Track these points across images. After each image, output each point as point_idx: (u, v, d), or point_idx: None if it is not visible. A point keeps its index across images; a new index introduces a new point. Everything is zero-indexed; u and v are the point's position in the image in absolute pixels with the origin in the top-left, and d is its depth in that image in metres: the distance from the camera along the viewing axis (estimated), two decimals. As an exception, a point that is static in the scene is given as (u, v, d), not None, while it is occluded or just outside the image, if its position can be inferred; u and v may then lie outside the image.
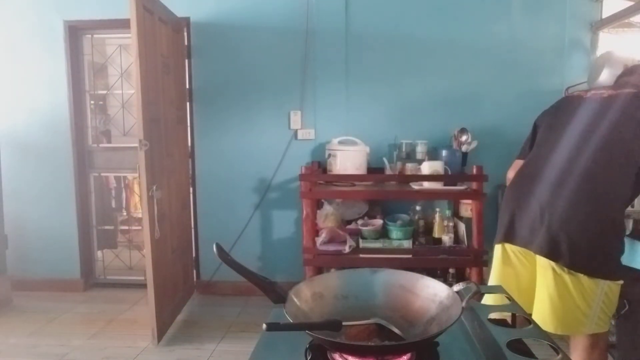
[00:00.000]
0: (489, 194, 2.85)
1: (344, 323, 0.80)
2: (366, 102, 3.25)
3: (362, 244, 2.80)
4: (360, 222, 2.93)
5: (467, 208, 2.87)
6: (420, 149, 3.06)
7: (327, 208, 2.91)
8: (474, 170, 2.71)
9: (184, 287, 3.18)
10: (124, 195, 4.37)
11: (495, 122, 3.18)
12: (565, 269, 1.44)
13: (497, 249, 1.68)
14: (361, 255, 2.74)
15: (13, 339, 2.75)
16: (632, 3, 2.69)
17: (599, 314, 1.44)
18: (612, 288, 1.45)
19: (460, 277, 2.88)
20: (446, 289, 0.90)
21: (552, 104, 1.85)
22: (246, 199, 3.38)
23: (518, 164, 1.80)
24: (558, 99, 3.18)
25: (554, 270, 1.47)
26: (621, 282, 1.46)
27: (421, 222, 2.94)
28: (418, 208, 3.01)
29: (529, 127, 3.53)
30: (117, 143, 3.75)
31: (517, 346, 0.83)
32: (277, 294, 0.86)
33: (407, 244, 2.77)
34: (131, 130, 3.53)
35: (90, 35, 3.47)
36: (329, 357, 0.81)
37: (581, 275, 1.43)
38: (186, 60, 3.29)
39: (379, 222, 2.87)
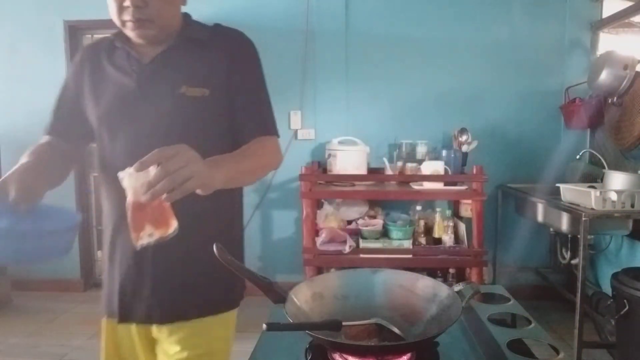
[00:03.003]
0: (489, 194, 2.85)
1: (344, 323, 0.80)
2: (366, 102, 3.25)
3: (362, 244, 2.79)
4: (360, 222, 2.92)
5: (467, 208, 2.87)
6: (421, 149, 3.06)
7: (327, 208, 2.91)
8: (474, 170, 2.71)
9: (184, 287, 3.17)
10: (124, 195, 4.37)
11: (495, 122, 3.18)
12: None
13: None
14: (361, 255, 2.74)
15: (13, 339, 2.75)
16: (632, 3, 2.69)
17: None
18: None
19: (460, 277, 2.88)
20: (446, 289, 0.90)
21: None
22: (246, 199, 3.34)
23: None
24: (558, 99, 3.17)
25: None
26: None
27: (421, 222, 2.94)
28: (418, 208, 3.01)
29: (529, 127, 3.52)
30: (117, 143, 3.75)
31: (517, 346, 0.83)
32: (277, 294, 0.86)
33: (407, 244, 2.77)
34: (131, 130, 3.52)
35: (90, 35, 3.47)
36: (329, 357, 0.81)
37: None
38: (186, 60, 3.28)
39: (379, 222, 2.87)
